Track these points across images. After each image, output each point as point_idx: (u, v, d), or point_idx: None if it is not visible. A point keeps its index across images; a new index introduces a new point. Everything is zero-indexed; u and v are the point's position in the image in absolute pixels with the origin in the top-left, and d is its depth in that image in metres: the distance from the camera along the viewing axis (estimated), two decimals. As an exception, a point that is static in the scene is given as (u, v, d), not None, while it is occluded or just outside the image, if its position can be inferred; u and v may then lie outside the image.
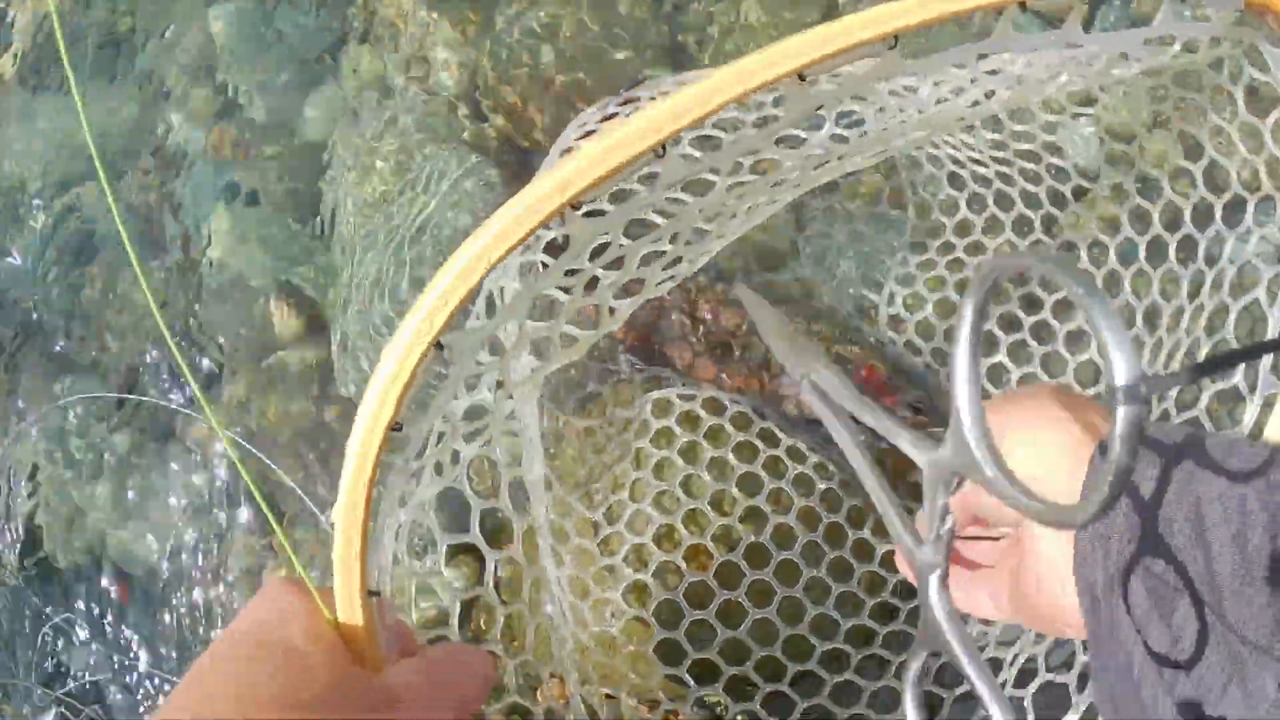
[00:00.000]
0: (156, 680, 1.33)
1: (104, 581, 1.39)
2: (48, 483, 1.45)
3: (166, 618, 1.34)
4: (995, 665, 0.89)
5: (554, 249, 0.59)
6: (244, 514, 1.34)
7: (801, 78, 0.50)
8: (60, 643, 1.37)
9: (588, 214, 0.54)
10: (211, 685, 0.52)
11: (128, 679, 1.33)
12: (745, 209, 0.76)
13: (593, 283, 0.68)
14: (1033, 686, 0.84)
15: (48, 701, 1.34)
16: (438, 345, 0.53)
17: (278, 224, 1.50)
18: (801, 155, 0.72)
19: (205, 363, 1.44)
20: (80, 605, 1.38)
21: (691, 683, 0.94)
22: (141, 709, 1.32)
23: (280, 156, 1.55)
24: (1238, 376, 0.79)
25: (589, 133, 0.84)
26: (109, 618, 1.36)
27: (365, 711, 0.54)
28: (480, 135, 1.41)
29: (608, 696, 0.95)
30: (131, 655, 1.34)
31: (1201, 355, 0.86)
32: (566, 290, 0.66)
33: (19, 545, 1.43)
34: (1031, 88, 0.74)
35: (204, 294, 1.49)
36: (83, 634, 1.37)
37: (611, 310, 0.69)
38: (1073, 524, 0.40)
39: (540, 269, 0.63)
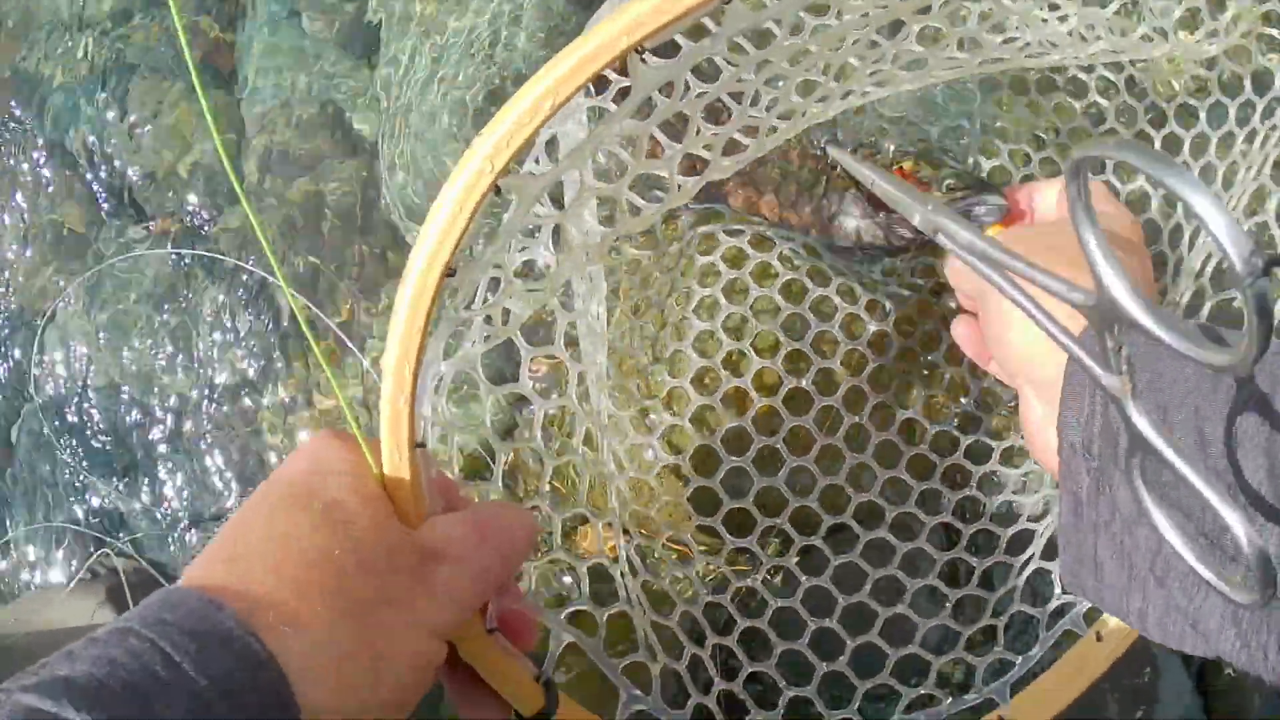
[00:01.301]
0: (188, 523, 1.33)
1: (135, 416, 1.39)
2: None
3: (203, 459, 1.34)
4: (1026, 538, 0.90)
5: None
6: (282, 356, 1.33)
7: None
8: (93, 483, 1.38)
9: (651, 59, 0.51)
10: (253, 536, 0.51)
11: (161, 520, 1.34)
12: (813, 90, 0.73)
13: (655, 147, 0.65)
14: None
15: (66, 535, 1.35)
16: (496, 189, 0.51)
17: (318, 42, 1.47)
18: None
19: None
20: (110, 445, 1.39)
21: (726, 535, 0.93)
22: (172, 547, 1.33)
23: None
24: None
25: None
26: (143, 460, 1.37)
27: (407, 568, 0.53)
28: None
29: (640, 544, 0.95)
30: (166, 497, 1.35)
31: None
32: (630, 147, 0.63)
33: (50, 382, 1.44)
34: None
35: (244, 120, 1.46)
36: (119, 478, 1.38)
37: (679, 185, 0.66)
38: (1224, 365, 0.40)
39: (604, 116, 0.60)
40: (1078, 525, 0.56)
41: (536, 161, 0.59)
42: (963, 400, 0.99)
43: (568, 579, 0.73)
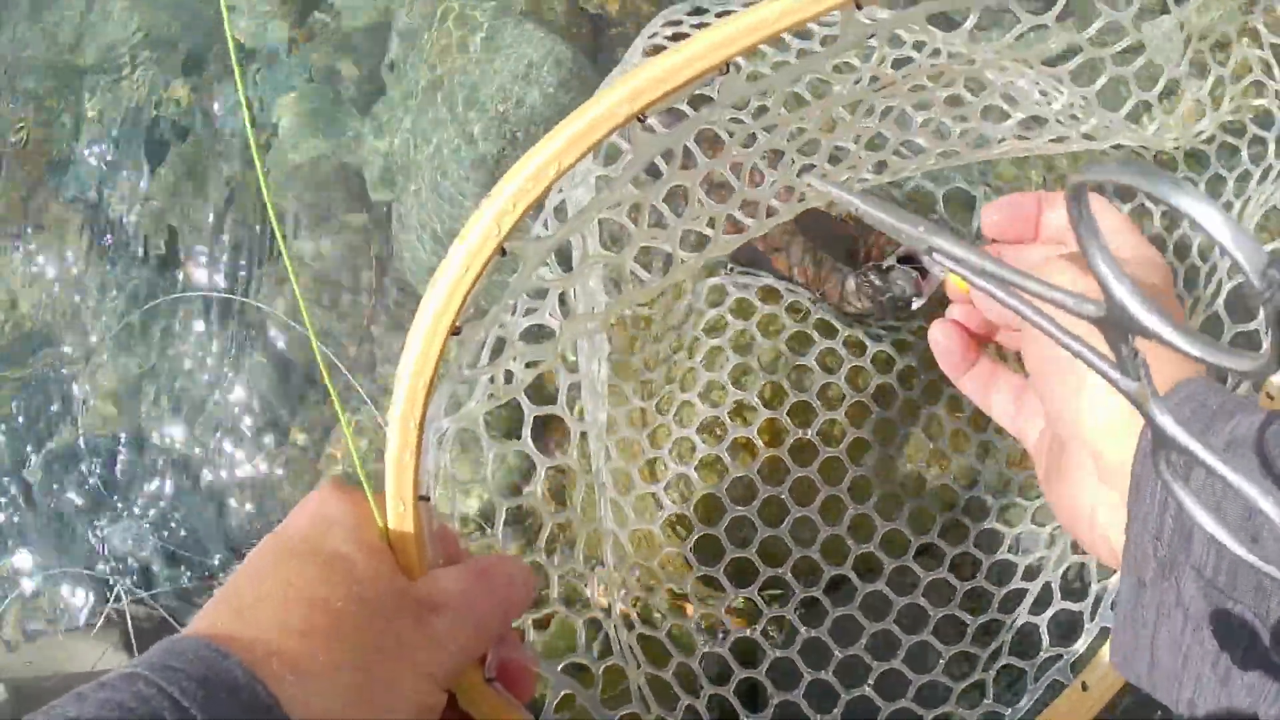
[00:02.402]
0: (201, 572, 1.34)
1: (148, 461, 1.40)
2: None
3: (214, 508, 1.35)
4: (1018, 595, 0.90)
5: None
6: (296, 407, 1.35)
7: (858, 4, 0.50)
8: (103, 522, 1.39)
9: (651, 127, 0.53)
10: (258, 587, 0.53)
11: (177, 570, 1.35)
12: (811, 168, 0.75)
13: (659, 219, 0.67)
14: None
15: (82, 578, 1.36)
16: (502, 251, 0.52)
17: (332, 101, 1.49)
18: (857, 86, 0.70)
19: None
20: (127, 488, 1.40)
21: (727, 585, 0.94)
22: (189, 593, 1.34)
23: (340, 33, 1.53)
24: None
25: (656, 48, 0.84)
26: (159, 502, 1.38)
27: (408, 618, 0.54)
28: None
29: (638, 598, 0.96)
30: (179, 545, 1.36)
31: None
32: (633, 219, 0.65)
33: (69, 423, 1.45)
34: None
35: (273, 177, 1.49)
36: (128, 515, 1.39)
37: (682, 259, 0.68)
38: (1248, 371, 0.40)
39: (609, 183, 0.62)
40: (1137, 610, 0.55)
41: (545, 225, 0.61)
42: (964, 453, 1.00)
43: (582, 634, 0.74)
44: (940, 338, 0.75)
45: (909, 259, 0.98)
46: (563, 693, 0.67)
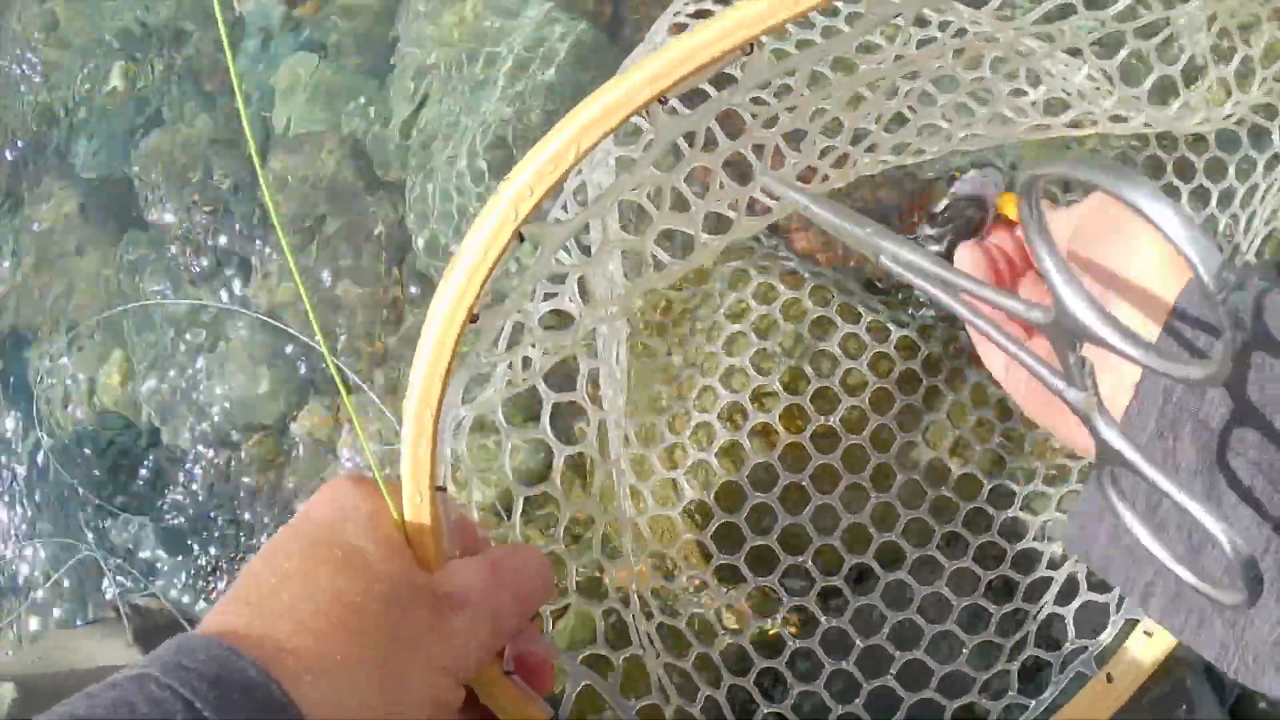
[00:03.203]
0: (210, 567, 1.34)
1: (154, 456, 1.39)
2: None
3: (225, 504, 1.35)
4: (1043, 585, 0.89)
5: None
6: (307, 399, 1.34)
7: None
8: (115, 524, 1.38)
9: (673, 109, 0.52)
10: (271, 583, 0.51)
11: (186, 565, 1.34)
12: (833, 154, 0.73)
13: (681, 202, 0.65)
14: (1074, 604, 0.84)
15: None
16: (520, 237, 0.51)
17: (345, 77, 1.48)
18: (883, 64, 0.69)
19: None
20: (135, 485, 1.39)
21: (747, 573, 0.92)
22: (198, 588, 1.33)
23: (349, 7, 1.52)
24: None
25: (680, 26, 0.82)
26: (166, 497, 1.38)
27: (425, 613, 0.53)
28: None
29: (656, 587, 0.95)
30: (190, 538, 1.35)
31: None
32: (654, 202, 0.63)
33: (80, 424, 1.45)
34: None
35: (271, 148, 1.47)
36: (141, 519, 1.38)
37: (704, 242, 0.67)
38: (1199, 380, 0.40)
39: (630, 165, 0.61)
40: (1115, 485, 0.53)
41: (564, 209, 0.59)
42: (988, 443, 0.99)
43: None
44: (967, 255, 0.72)
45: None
46: (582, 683, 0.66)
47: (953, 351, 1.00)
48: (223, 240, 1.45)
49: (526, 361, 0.62)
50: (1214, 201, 0.93)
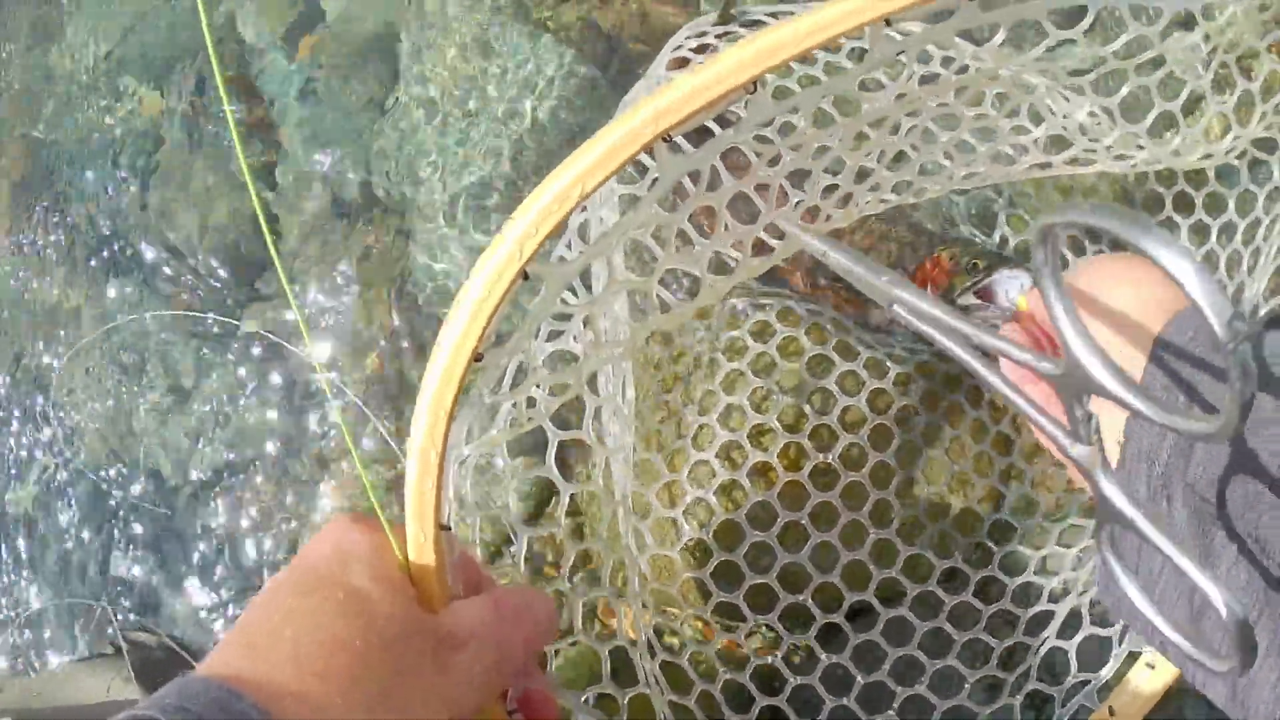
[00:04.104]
0: (211, 603, 1.33)
1: (151, 490, 1.39)
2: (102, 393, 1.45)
3: (218, 537, 1.34)
4: (1045, 618, 0.89)
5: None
6: (306, 439, 1.33)
7: (888, 22, 0.49)
8: (116, 558, 1.38)
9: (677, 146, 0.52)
10: (272, 624, 0.51)
11: (186, 600, 1.33)
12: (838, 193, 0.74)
13: (686, 240, 0.66)
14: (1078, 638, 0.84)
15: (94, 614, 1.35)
16: (524, 275, 0.51)
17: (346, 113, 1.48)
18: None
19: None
20: (130, 516, 1.39)
21: (747, 612, 0.92)
22: (198, 622, 1.33)
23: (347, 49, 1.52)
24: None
25: (681, 60, 0.82)
26: (163, 530, 1.37)
27: (429, 654, 0.53)
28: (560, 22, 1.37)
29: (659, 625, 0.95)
30: (190, 574, 1.34)
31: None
32: (659, 242, 0.63)
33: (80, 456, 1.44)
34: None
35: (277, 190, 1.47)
36: (140, 553, 1.38)
37: (710, 283, 0.67)
38: (1208, 434, 0.40)
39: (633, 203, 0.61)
40: (1125, 538, 0.54)
41: (569, 247, 0.59)
42: (987, 476, 0.99)
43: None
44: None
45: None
46: None
47: (951, 386, 0.99)
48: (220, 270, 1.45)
49: (531, 401, 0.62)
50: (1214, 237, 0.93)
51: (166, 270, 1.48)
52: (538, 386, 0.61)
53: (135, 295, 1.48)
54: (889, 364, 0.99)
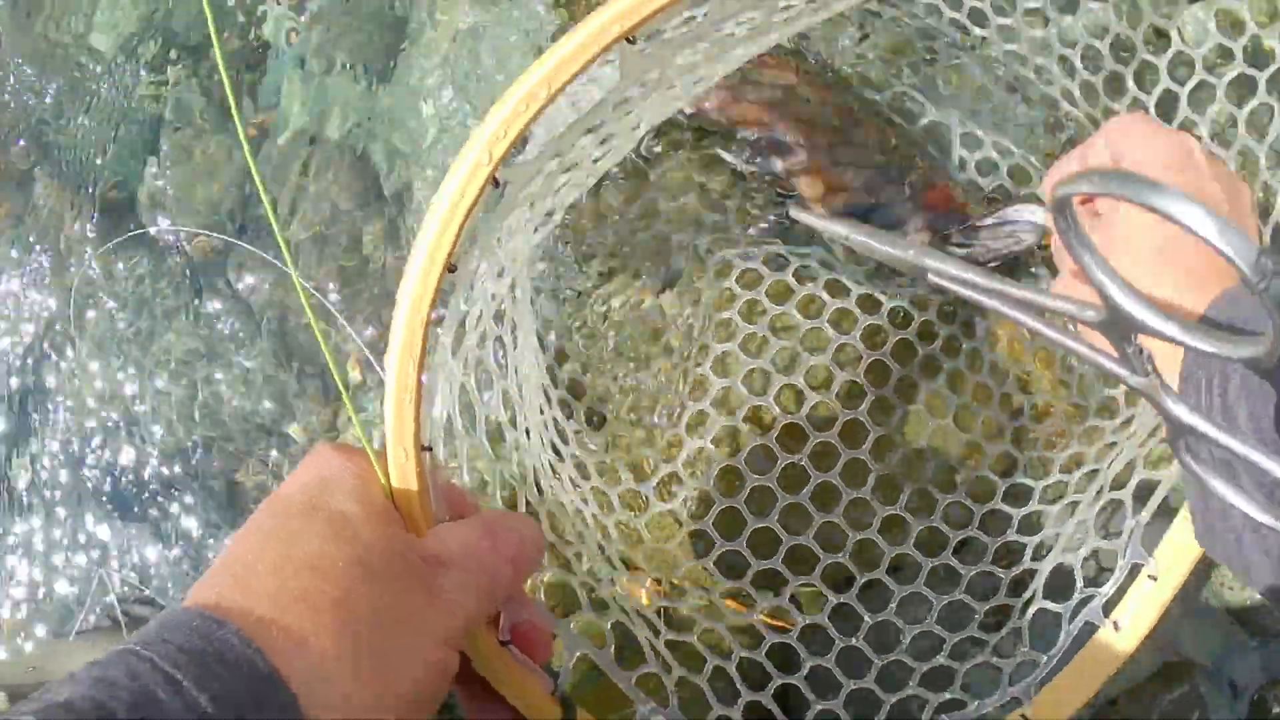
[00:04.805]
0: (200, 540, 1.32)
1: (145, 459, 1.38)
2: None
3: (217, 503, 1.33)
4: (1051, 539, 0.89)
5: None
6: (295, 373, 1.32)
7: None
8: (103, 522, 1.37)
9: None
10: (257, 552, 0.50)
11: (185, 572, 1.32)
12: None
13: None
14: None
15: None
16: (494, 181, 0.50)
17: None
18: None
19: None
20: (126, 486, 1.38)
21: (750, 558, 0.91)
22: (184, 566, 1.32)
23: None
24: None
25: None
26: (158, 500, 1.36)
27: (414, 578, 0.52)
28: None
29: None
30: (186, 539, 1.33)
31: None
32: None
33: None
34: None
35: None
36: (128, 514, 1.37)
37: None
38: (1252, 357, 0.43)
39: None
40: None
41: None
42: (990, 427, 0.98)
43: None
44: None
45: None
46: (579, 652, 0.65)
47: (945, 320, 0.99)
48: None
49: (513, 287, 0.62)
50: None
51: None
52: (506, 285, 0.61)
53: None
54: (884, 299, 0.98)
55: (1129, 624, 0.71)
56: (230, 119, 1.48)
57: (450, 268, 0.50)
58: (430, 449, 0.54)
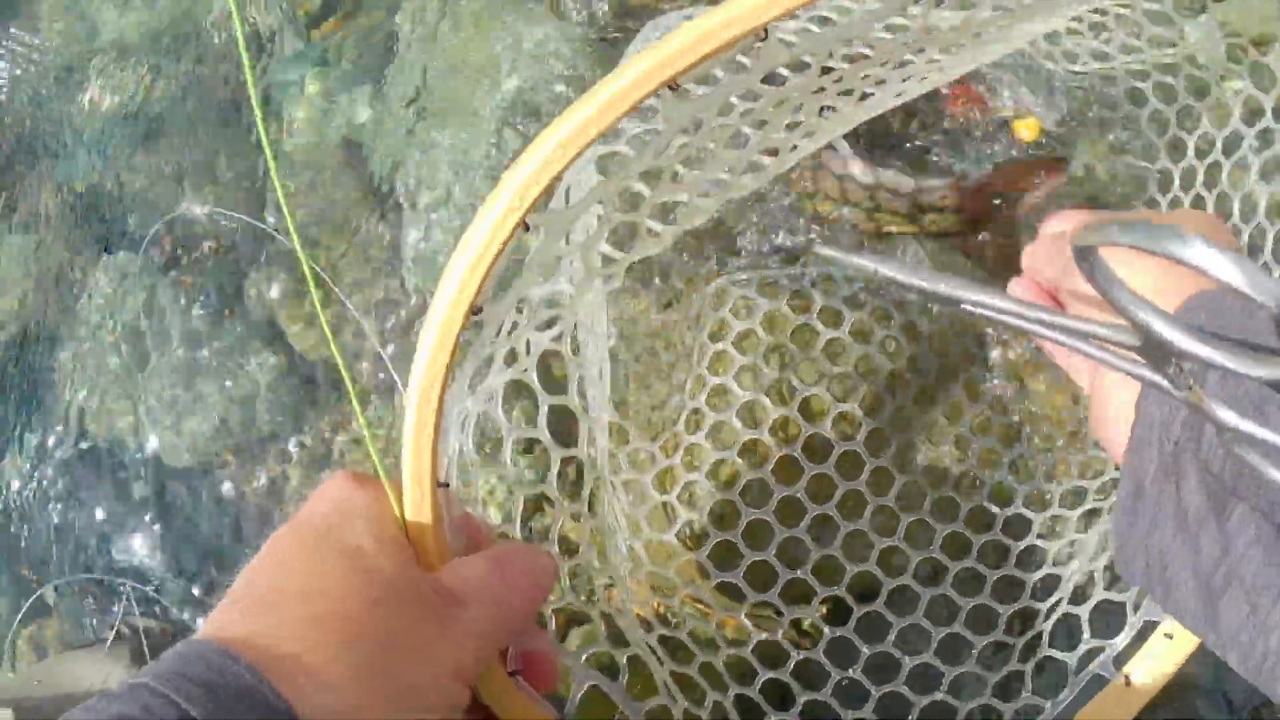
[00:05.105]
0: (216, 585, 1.32)
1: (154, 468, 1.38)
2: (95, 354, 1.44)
3: (226, 515, 1.33)
4: (1053, 582, 0.89)
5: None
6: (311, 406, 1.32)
7: None
8: (106, 524, 1.37)
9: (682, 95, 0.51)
10: (269, 584, 0.51)
11: (191, 585, 1.32)
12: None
13: (676, 177, 0.64)
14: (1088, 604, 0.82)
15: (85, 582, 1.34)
16: (525, 225, 0.50)
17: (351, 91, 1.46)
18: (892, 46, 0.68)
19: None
20: (135, 497, 1.37)
21: (748, 591, 0.92)
22: (205, 608, 1.31)
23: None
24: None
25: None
26: (169, 511, 1.36)
27: (429, 613, 0.52)
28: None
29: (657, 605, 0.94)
30: (190, 555, 1.33)
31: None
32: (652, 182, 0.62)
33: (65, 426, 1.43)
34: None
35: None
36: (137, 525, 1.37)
37: (698, 205, 0.66)
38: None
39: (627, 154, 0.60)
40: (1135, 512, 0.55)
41: (561, 199, 0.58)
42: (988, 437, 0.98)
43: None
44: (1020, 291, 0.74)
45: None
46: (588, 684, 0.65)
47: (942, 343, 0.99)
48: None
49: (528, 345, 0.61)
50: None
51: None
52: (535, 328, 0.60)
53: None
54: (876, 326, 0.99)
55: (1141, 680, 0.70)
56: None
57: (475, 310, 0.50)
58: (447, 484, 0.55)
